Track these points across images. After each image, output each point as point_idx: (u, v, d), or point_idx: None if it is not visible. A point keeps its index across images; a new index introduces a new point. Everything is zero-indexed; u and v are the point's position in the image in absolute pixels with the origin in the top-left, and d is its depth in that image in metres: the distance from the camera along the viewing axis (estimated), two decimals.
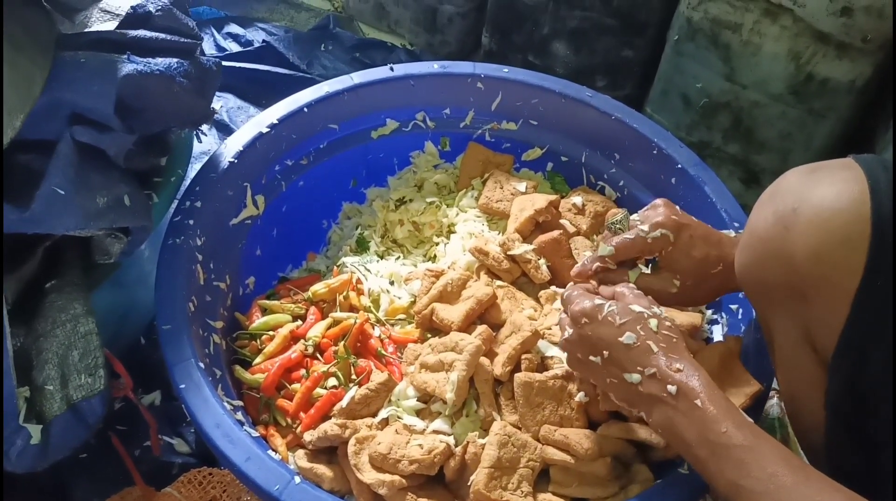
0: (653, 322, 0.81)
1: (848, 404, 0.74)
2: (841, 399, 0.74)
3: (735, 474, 0.72)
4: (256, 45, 1.82)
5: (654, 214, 0.94)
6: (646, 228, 0.93)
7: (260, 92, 1.71)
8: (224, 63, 1.09)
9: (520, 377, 0.95)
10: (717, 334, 1.09)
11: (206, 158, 1.12)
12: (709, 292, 0.96)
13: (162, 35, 0.95)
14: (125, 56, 0.89)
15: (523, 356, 0.99)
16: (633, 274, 0.94)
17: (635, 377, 0.80)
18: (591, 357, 0.83)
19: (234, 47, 1.83)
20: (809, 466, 0.71)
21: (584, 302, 0.84)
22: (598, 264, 0.95)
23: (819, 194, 0.71)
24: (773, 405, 1.15)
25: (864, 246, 0.68)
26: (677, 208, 0.96)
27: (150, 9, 0.96)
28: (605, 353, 0.82)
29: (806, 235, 0.71)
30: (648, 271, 0.94)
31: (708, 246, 0.94)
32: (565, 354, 0.89)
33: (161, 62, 0.92)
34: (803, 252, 0.71)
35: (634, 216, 0.96)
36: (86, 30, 0.99)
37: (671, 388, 0.77)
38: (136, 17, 0.96)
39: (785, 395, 0.84)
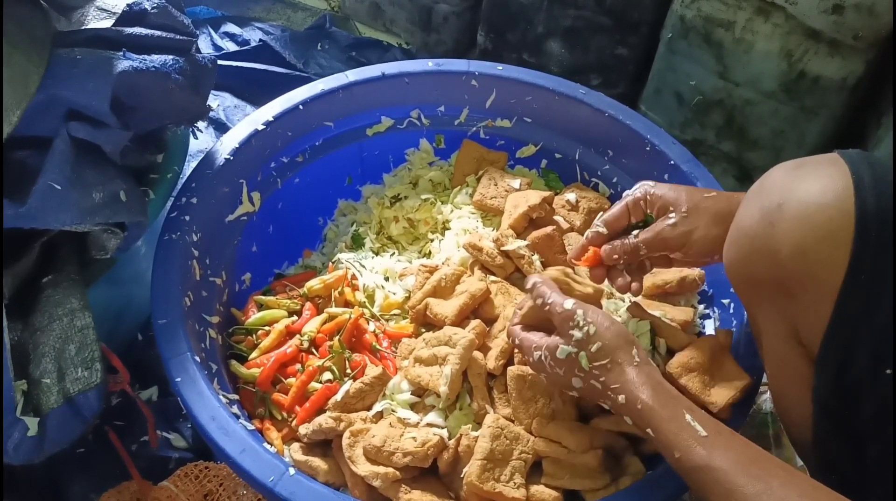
0: (583, 360, 0.83)
1: (834, 398, 0.74)
2: (828, 394, 0.75)
3: (699, 492, 0.74)
4: (253, 44, 1.83)
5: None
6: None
7: (257, 91, 1.72)
8: (221, 62, 1.10)
9: (513, 370, 0.96)
10: (710, 328, 1.10)
11: (202, 155, 1.13)
12: (715, 213, 0.91)
13: (157, 32, 0.96)
14: (121, 53, 0.90)
15: (516, 350, 1.00)
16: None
17: (605, 406, 0.85)
18: (571, 393, 0.90)
19: (230, 46, 1.84)
20: (774, 469, 0.71)
21: (530, 358, 0.89)
22: (588, 241, 0.99)
23: (804, 189, 0.72)
24: (766, 399, 1.16)
25: (848, 241, 0.69)
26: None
27: (146, 6, 0.97)
28: (574, 392, 0.87)
29: (790, 230, 0.71)
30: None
31: (690, 187, 0.96)
32: None
33: (156, 59, 0.92)
34: (788, 248, 0.71)
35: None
36: (82, 27, 1.00)
37: (627, 419, 0.82)
38: (131, 15, 0.97)
39: (773, 390, 0.85)
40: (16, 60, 0.84)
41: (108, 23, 1.03)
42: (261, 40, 1.83)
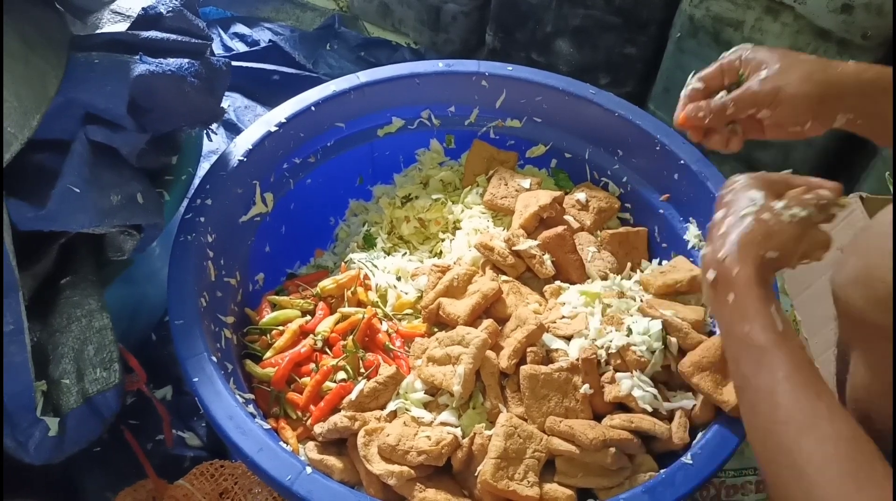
0: (747, 215, 0.79)
1: None
2: None
3: (748, 370, 0.72)
4: (263, 44, 1.84)
5: None
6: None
7: (267, 91, 1.73)
8: (231, 63, 1.11)
9: (525, 369, 0.97)
10: None
11: (215, 156, 1.14)
12: (812, 81, 0.86)
13: (173, 36, 0.97)
14: (137, 57, 0.91)
15: (529, 349, 1.00)
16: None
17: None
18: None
19: (240, 47, 1.85)
20: (824, 385, 0.68)
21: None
22: (685, 99, 0.95)
23: None
24: None
25: None
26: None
27: (161, 10, 0.98)
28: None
29: None
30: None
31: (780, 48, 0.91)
32: None
33: (172, 63, 0.93)
34: None
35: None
36: (98, 31, 1.01)
37: (710, 274, 0.78)
38: (147, 19, 0.98)
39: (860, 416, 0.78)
40: (35, 64, 0.85)
41: (122, 26, 1.03)
42: (270, 41, 1.84)
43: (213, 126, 1.09)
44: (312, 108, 1.22)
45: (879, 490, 0.61)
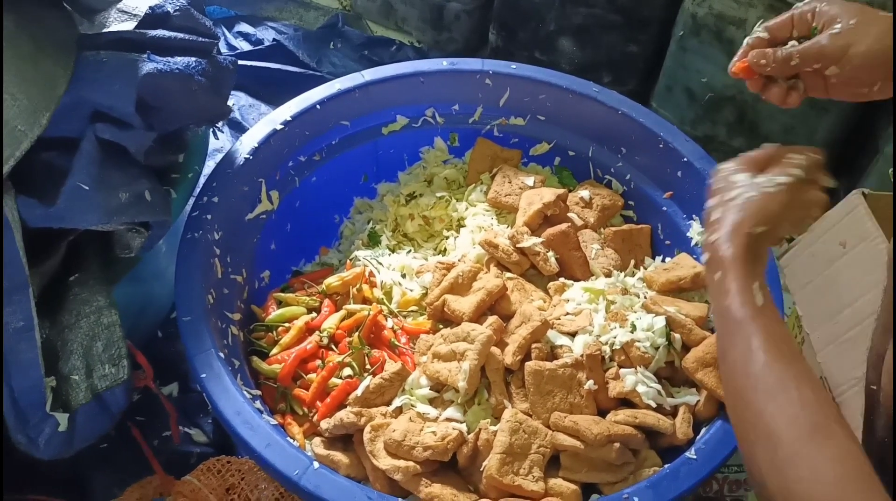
0: (737, 198, 0.79)
1: None
2: None
3: (725, 342, 0.74)
4: (267, 43, 1.84)
5: None
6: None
7: (271, 90, 1.74)
8: (237, 62, 1.11)
9: (530, 365, 0.98)
10: None
11: (220, 154, 1.15)
12: (882, 34, 0.82)
13: (180, 35, 0.98)
14: (145, 55, 0.92)
15: (533, 346, 1.01)
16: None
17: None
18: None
19: (244, 46, 1.85)
20: (796, 354, 0.70)
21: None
22: (749, 46, 0.90)
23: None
24: None
25: None
26: None
27: (169, 9, 0.99)
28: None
29: None
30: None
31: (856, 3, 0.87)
32: None
33: (180, 61, 0.94)
34: None
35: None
36: (105, 30, 1.02)
37: (703, 257, 0.79)
38: (154, 18, 0.99)
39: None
40: (44, 63, 0.86)
41: (129, 25, 1.04)
42: (274, 39, 1.85)
43: (220, 124, 1.10)
44: (317, 106, 1.23)
45: (837, 448, 0.63)
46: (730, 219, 0.79)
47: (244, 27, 1.91)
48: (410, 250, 1.28)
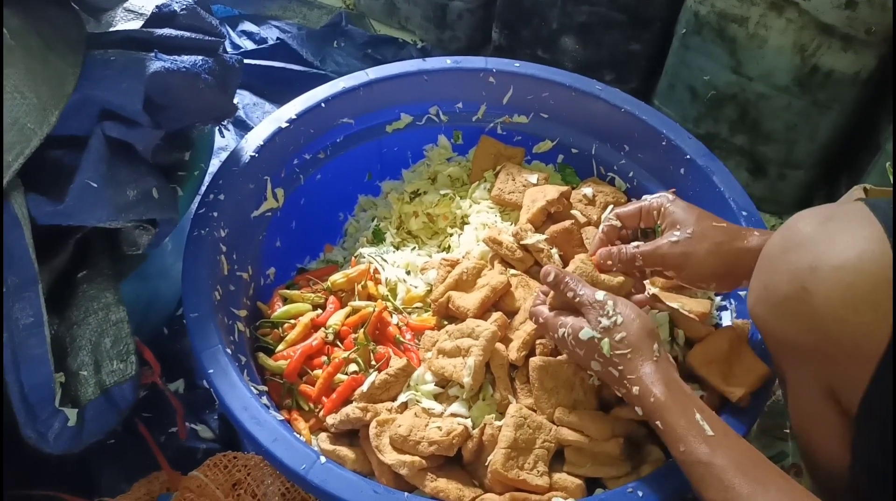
0: (605, 347, 0.86)
1: (882, 456, 0.72)
2: (873, 452, 0.73)
3: (699, 486, 0.77)
4: (270, 42, 1.85)
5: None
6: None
7: (275, 89, 1.75)
8: (243, 60, 1.12)
9: (535, 361, 0.99)
10: (727, 319, 1.12)
11: (224, 152, 1.15)
12: (720, 253, 0.93)
13: (187, 33, 0.98)
14: (152, 54, 0.93)
15: (538, 341, 1.02)
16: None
17: (618, 393, 0.89)
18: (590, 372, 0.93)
19: (248, 45, 1.86)
20: (772, 474, 0.74)
21: (555, 334, 0.92)
22: (602, 236, 1.02)
23: (838, 252, 0.69)
24: None
25: (889, 309, 0.66)
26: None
27: (175, 8, 0.99)
28: (592, 372, 0.90)
29: (829, 298, 0.69)
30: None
31: (704, 212, 0.97)
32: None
33: (187, 60, 0.95)
34: (827, 315, 0.69)
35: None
36: (112, 29, 1.03)
37: (638, 410, 0.84)
38: (161, 16, 1.00)
39: (802, 440, 0.83)
40: (53, 62, 0.87)
41: (136, 24, 1.05)
42: (278, 38, 1.86)
43: (226, 122, 1.11)
44: (322, 104, 1.24)
45: None
46: (633, 367, 0.84)
47: (248, 26, 1.91)
48: (415, 248, 1.29)
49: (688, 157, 1.20)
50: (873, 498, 0.76)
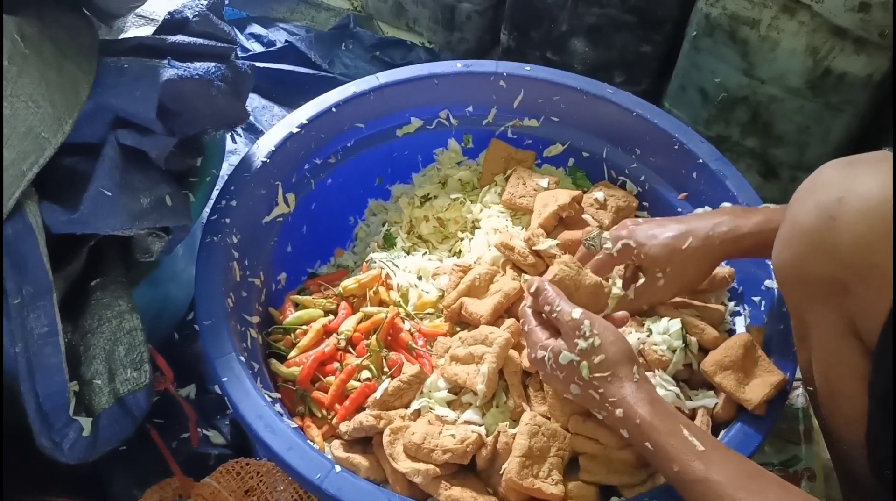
0: (584, 369, 0.86)
1: (892, 390, 0.74)
2: (885, 388, 0.75)
3: None
4: (279, 45, 1.84)
5: (617, 229, 1.04)
6: (610, 245, 1.03)
7: (283, 91, 1.75)
8: (254, 66, 1.12)
9: None
10: (740, 325, 1.11)
11: (234, 157, 1.15)
12: (698, 267, 1.00)
13: (199, 40, 0.98)
14: (165, 61, 0.92)
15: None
16: (613, 300, 1.05)
17: (598, 416, 0.89)
18: (566, 396, 0.93)
19: (256, 48, 1.85)
20: (769, 484, 0.75)
21: (533, 353, 0.92)
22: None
23: (863, 183, 0.72)
24: (798, 395, 1.17)
25: None
26: (639, 220, 1.05)
27: (188, 14, 0.99)
28: (570, 396, 0.91)
29: (854, 223, 0.71)
30: (622, 292, 1.06)
31: (668, 228, 1.00)
32: None
33: (200, 67, 0.94)
34: (851, 240, 0.72)
35: (605, 235, 1.05)
36: (123, 35, 1.02)
37: (623, 432, 0.84)
38: (173, 23, 0.99)
39: (823, 390, 0.84)
40: (68, 70, 0.86)
41: (147, 30, 1.05)
42: (286, 41, 1.85)
43: (238, 128, 1.10)
44: (333, 109, 1.23)
45: None
46: (613, 389, 0.85)
47: (256, 29, 1.91)
48: (426, 252, 1.28)
49: (700, 161, 1.20)
50: (886, 439, 0.76)
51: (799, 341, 0.86)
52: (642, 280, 1.04)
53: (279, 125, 1.19)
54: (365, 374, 1.06)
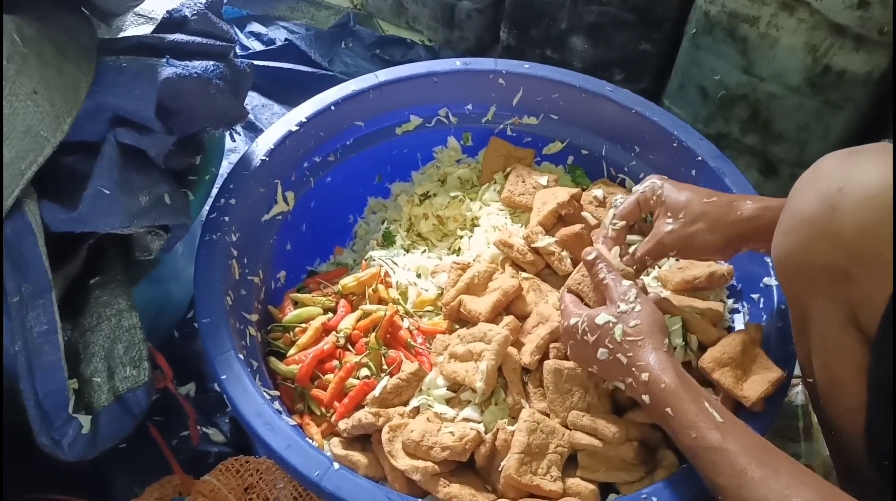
0: (617, 331, 0.88)
1: (892, 379, 0.74)
2: (886, 376, 0.75)
3: (710, 472, 0.78)
4: (279, 43, 1.85)
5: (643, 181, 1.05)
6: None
7: (283, 90, 1.75)
8: (253, 64, 1.12)
9: (549, 364, 0.98)
10: (739, 322, 1.12)
11: (234, 155, 1.15)
12: (712, 227, 0.97)
13: (198, 39, 0.98)
14: (164, 60, 0.92)
15: (551, 345, 1.02)
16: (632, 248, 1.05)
17: (620, 385, 0.89)
18: (589, 368, 0.94)
19: (256, 46, 1.86)
20: (782, 459, 0.75)
21: (566, 322, 0.94)
22: (612, 239, 1.05)
23: (865, 172, 0.73)
24: (798, 392, 1.17)
25: None
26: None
27: (186, 13, 0.99)
28: (594, 366, 0.91)
29: (855, 211, 0.72)
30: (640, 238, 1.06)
31: (696, 187, 1.01)
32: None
33: (198, 65, 0.95)
34: (853, 229, 0.72)
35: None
36: (123, 34, 1.03)
37: (645, 398, 0.85)
38: (172, 22, 0.99)
39: (822, 381, 0.84)
40: (67, 70, 0.87)
41: (146, 28, 1.05)
42: (286, 39, 1.85)
43: (237, 127, 1.10)
44: (332, 107, 1.23)
45: None
46: (643, 354, 0.86)
47: (256, 27, 1.91)
48: (425, 250, 1.28)
49: (699, 158, 1.20)
50: (886, 430, 0.77)
51: (798, 333, 0.86)
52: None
53: (278, 123, 1.19)
54: (364, 372, 1.06)
